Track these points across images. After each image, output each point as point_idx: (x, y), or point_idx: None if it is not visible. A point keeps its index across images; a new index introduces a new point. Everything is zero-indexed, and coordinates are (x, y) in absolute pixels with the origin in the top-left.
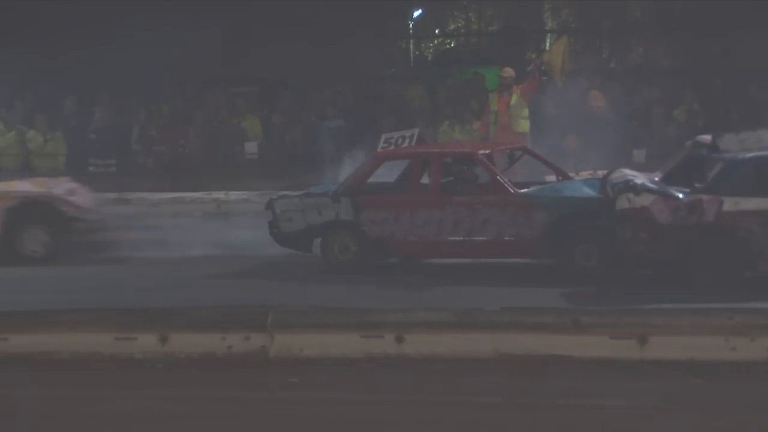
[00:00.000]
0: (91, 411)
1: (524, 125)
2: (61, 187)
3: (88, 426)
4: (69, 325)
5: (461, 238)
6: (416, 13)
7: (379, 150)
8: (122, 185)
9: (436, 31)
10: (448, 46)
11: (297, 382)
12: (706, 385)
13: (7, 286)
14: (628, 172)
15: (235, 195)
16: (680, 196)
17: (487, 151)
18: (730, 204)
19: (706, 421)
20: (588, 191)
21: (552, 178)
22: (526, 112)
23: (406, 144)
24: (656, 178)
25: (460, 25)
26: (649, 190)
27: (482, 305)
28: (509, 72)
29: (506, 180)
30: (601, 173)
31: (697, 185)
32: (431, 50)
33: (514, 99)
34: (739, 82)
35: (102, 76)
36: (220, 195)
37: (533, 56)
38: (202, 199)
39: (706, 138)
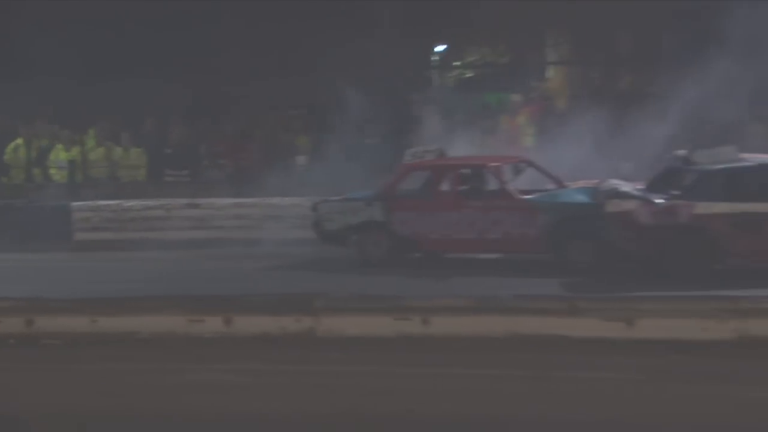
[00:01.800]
0: (168, 381)
1: (529, 142)
2: None
3: (167, 394)
4: (151, 309)
5: (475, 236)
6: (439, 49)
7: (405, 162)
8: (194, 192)
9: (457, 63)
10: (466, 76)
11: (340, 357)
12: (683, 359)
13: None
14: (616, 182)
15: (287, 200)
16: (659, 201)
17: (497, 164)
18: (701, 208)
19: (684, 390)
20: (582, 197)
21: (551, 186)
22: (531, 130)
23: (429, 157)
24: (639, 187)
25: (476, 57)
26: (633, 197)
27: (495, 293)
28: (517, 97)
29: (513, 188)
30: (593, 182)
31: (674, 192)
32: (452, 79)
33: (521, 120)
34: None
35: (175, 100)
36: (275, 200)
37: (538, 84)
38: (260, 204)
39: (683, 153)
